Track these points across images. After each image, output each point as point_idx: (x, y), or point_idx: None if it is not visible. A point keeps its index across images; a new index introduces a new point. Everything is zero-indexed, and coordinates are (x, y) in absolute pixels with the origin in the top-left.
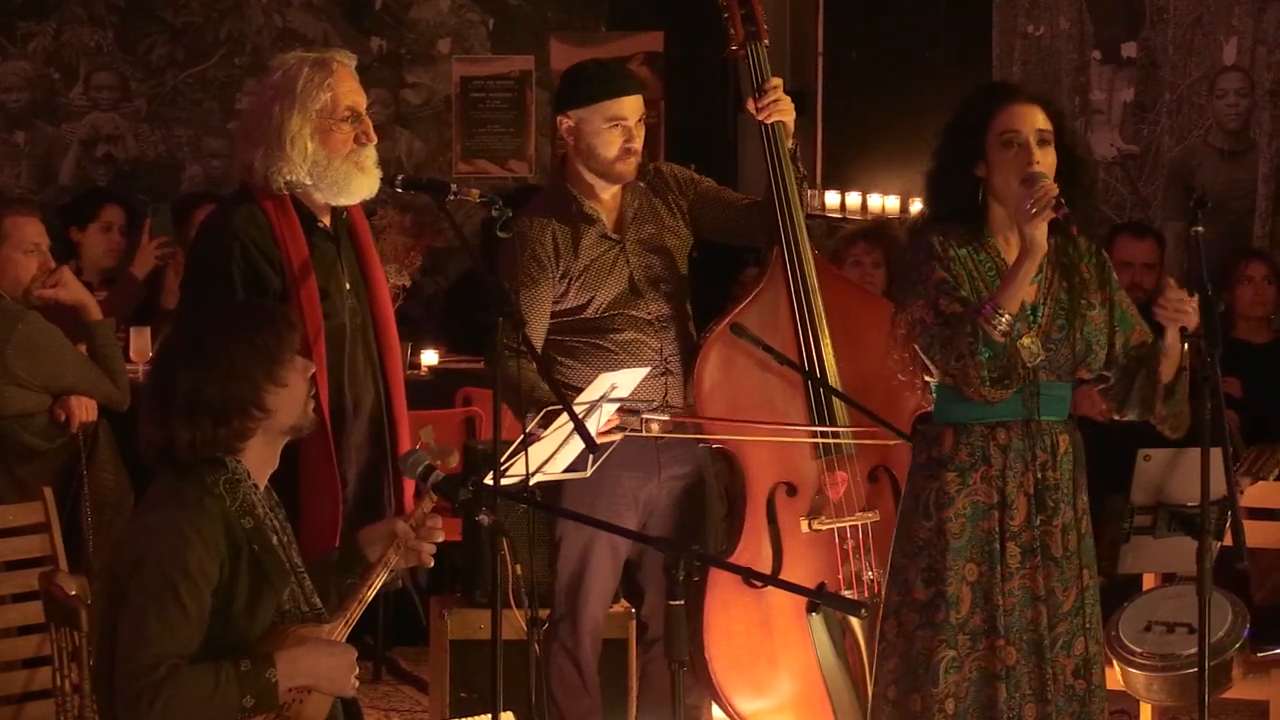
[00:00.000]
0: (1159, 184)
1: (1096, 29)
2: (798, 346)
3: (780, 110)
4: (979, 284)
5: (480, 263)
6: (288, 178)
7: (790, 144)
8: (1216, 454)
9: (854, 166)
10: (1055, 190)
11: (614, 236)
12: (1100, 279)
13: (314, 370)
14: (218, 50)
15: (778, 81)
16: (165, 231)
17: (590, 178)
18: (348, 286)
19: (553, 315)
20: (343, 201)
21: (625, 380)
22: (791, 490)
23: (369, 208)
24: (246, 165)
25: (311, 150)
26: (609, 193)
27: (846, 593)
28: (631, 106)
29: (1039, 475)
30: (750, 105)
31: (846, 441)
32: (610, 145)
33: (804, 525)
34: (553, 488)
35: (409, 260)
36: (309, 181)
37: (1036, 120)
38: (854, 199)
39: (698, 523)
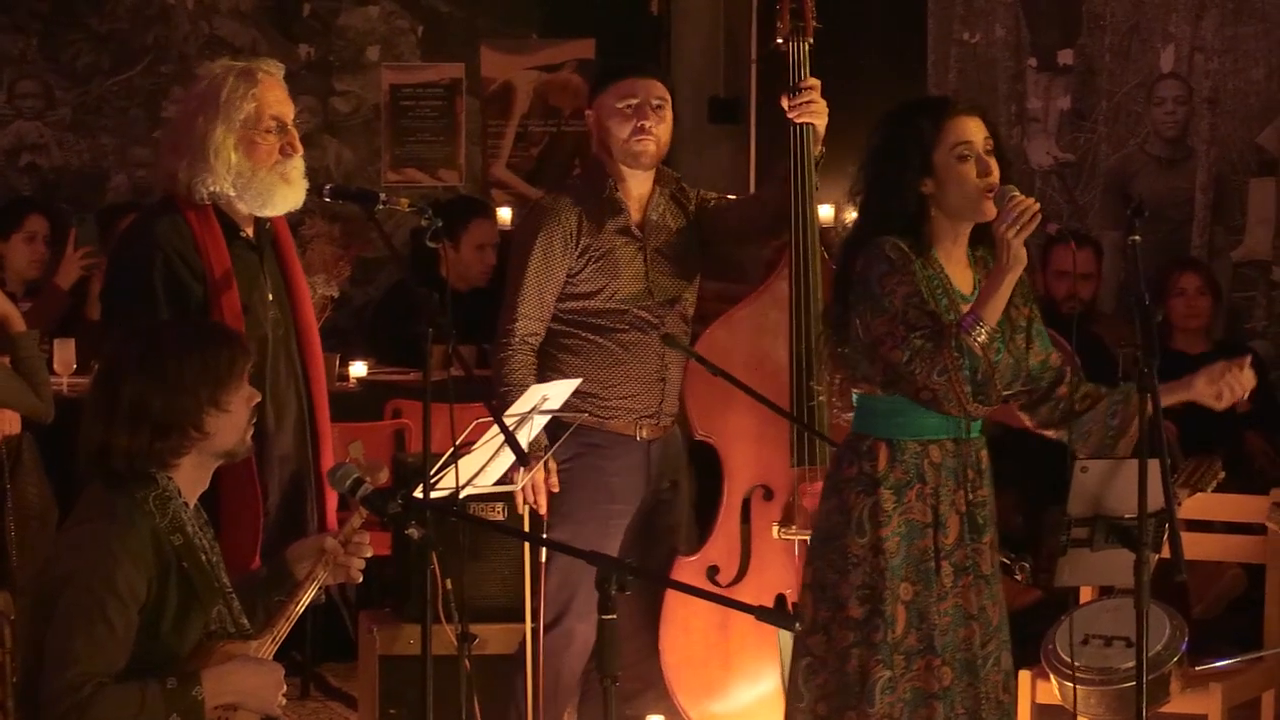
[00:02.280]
0: (1096, 192)
1: (1033, 36)
2: (792, 345)
3: (812, 112)
4: (931, 300)
5: (410, 273)
6: (211, 189)
7: (818, 150)
8: (1154, 465)
9: None
10: (1036, 205)
11: (637, 234)
12: (1024, 294)
13: (258, 400)
14: (144, 58)
15: (815, 82)
16: (90, 242)
17: (615, 168)
18: (270, 297)
19: (564, 299)
20: (267, 213)
21: (557, 392)
22: (768, 494)
23: (297, 217)
24: (170, 175)
25: (235, 161)
26: (638, 190)
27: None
28: (643, 86)
29: (970, 494)
30: (784, 102)
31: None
32: (623, 125)
33: (775, 531)
34: (567, 485)
35: (338, 271)
36: (233, 193)
37: (982, 130)
38: None
39: (671, 529)
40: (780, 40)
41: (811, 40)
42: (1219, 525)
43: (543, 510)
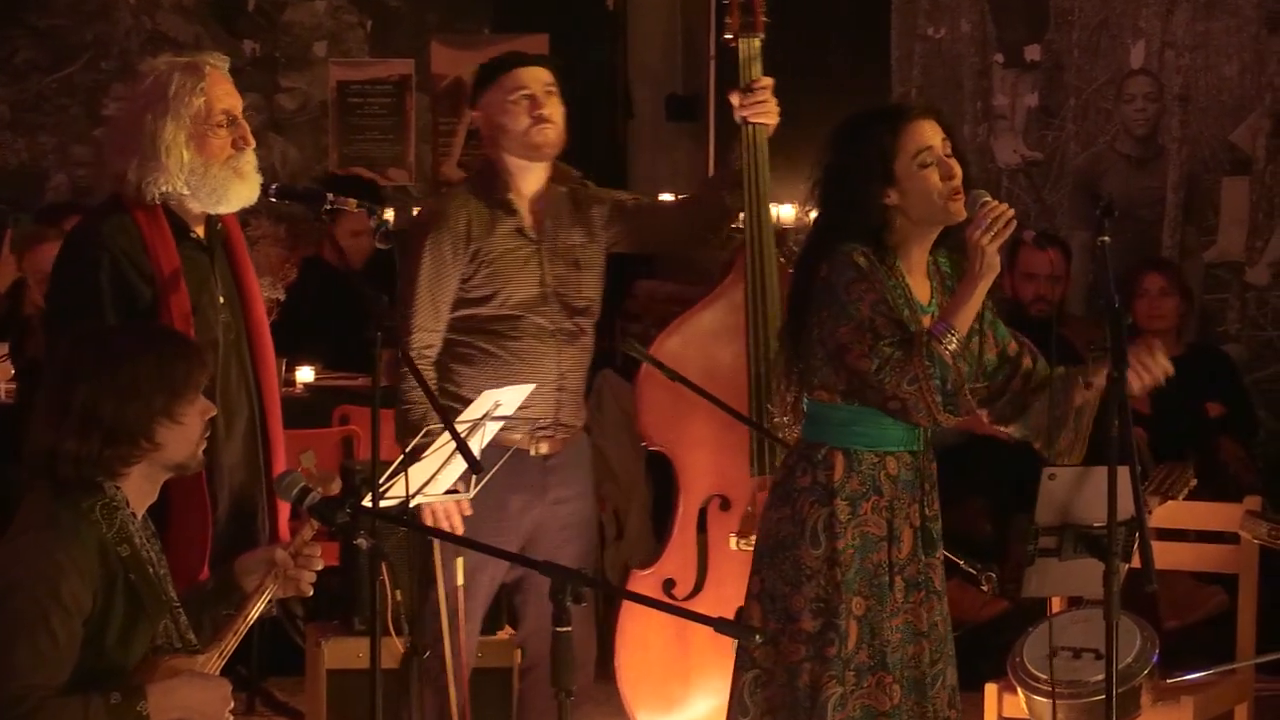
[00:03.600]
0: (1064, 192)
1: (999, 31)
2: (749, 351)
3: (763, 112)
4: (896, 309)
5: (357, 275)
6: (164, 188)
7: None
8: (1124, 472)
9: None
10: (1011, 211)
11: (531, 236)
12: (981, 328)
13: (213, 414)
14: (84, 54)
15: (768, 81)
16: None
17: (512, 164)
18: (221, 300)
19: (455, 305)
20: (222, 209)
21: (510, 398)
22: (725, 504)
23: (242, 218)
24: (118, 175)
25: (188, 158)
26: (532, 188)
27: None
28: (532, 76)
29: (924, 508)
30: (734, 99)
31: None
32: (518, 116)
33: (732, 543)
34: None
35: (284, 273)
36: (186, 191)
37: (940, 133)
38: None
39: (586, 549)
40: (730, 37)
41: (762, 36)
42: (1191, 534)
43: (460, 530)
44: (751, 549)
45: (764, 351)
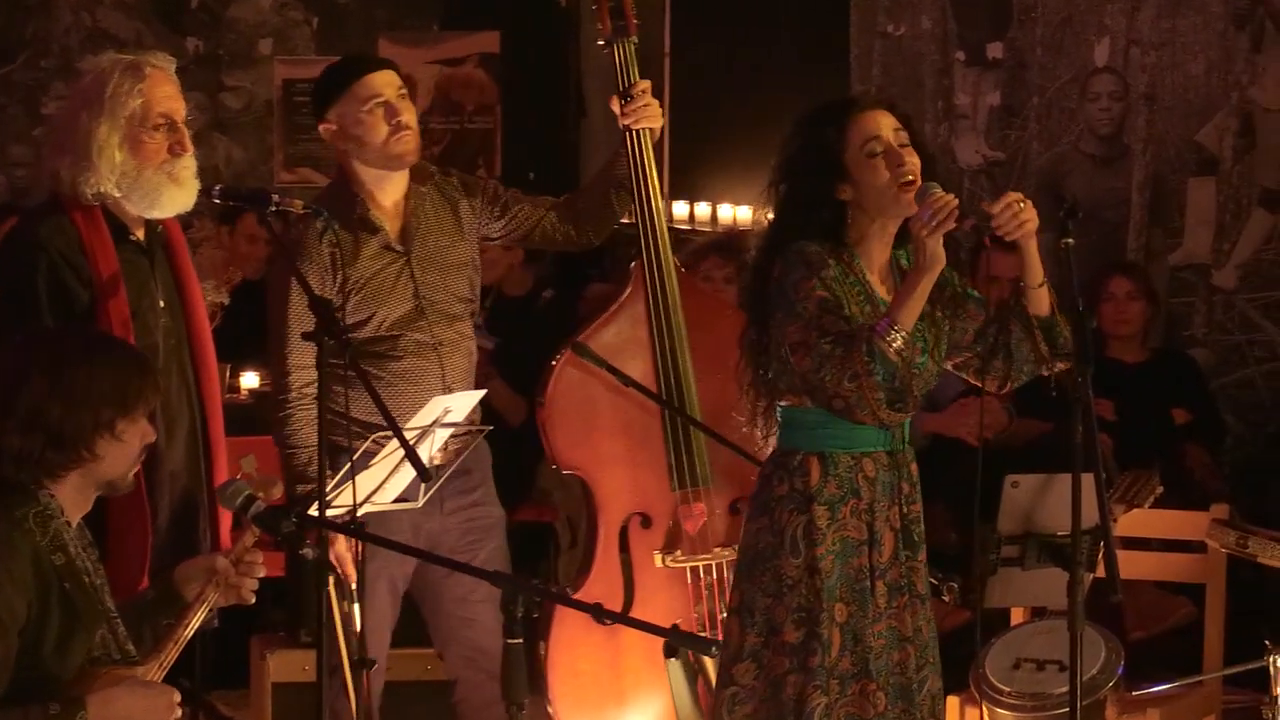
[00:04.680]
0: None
1: (960, 28)
2: (656, 365)
3: (647, 116)
4: (851, 305)
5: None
6: (95, 189)
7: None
8: (1089, 480)
9: (704, 175)
10: (955, 201)
11: (398, 248)
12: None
13: (153, 440)
14: (22, 52)
15: (646, 85)
16: None
17: (370, 176)
18: (162, 304)
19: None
20: (154, 215)
21: (459, 404)
22: (646, 521)
23: (185, 220)
24: (53, 174)
25: (120, 160)
26: (392, 197)
27: (701, 635)
28: (384, 81)
29: (904, 509)
30: (615, 106)
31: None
32: (376, 127)
33: (658, 560)
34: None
35: (227, 276)
36: (117, 193)
37: (890, 122)
38: (703, 209)
39: (498, 550)
40: (603, 43)
41: (635, 40)
42: (1157, 543)
43: (353, 579)
44: (683, 565)
45: (672, 360)
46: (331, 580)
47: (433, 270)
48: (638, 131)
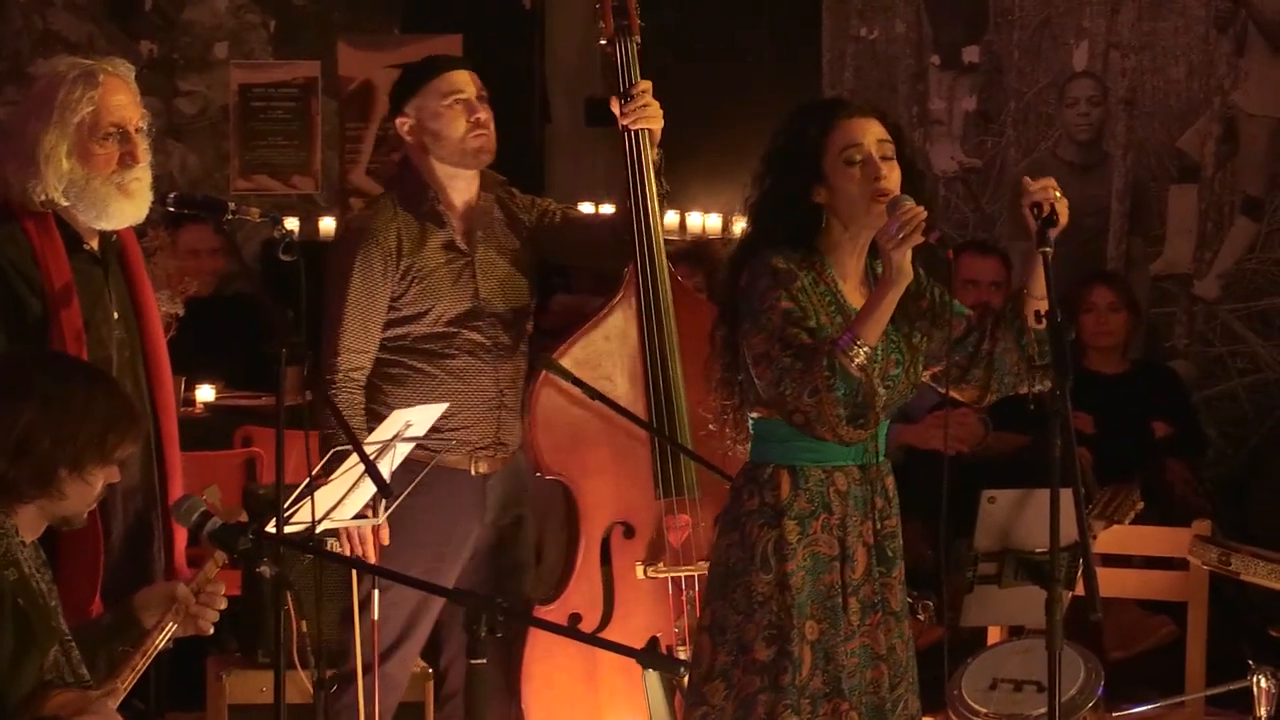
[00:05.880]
0: (1004, 200)
1: (935, 32)
2: (646, 372)
3: (647, 117)
4: (820, 317)
5: (261, 288)
6: (43, 196)
7: (655, 155)
8: (1067, 495)
9: (672, 182)
10: (924, 213)
11: (463, 248)
12: (917, 287)
13: (116, 481)
14: None
15: (646, 85)
16: None
17: (443, 172)
18: (116, 315)
19: (386, 324)
20: (103, 225)
21: (421, 418)
22: (629, 531)
23: (138, 229)
24: (3, 179)
25: (68, 169)
26: (463, 197)
27: (680, 650)
28: (465, 79)
29: (878, 524)
30: (614, 106)
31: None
32: (455, 121)
33: (640, 571)
34: (393, 525)
35: (183, 286)
36: (65, 202)
37: (876, 132)
38: (671, 217)
39: (517, 568)
40: (605, 42)
41: (638, 39)
42: (1138, 560)
43: (373, 559)
44: (663, 576)
45: (661, 368)
46: (290, 598)
47: (494, 275)
48: (636, 132)
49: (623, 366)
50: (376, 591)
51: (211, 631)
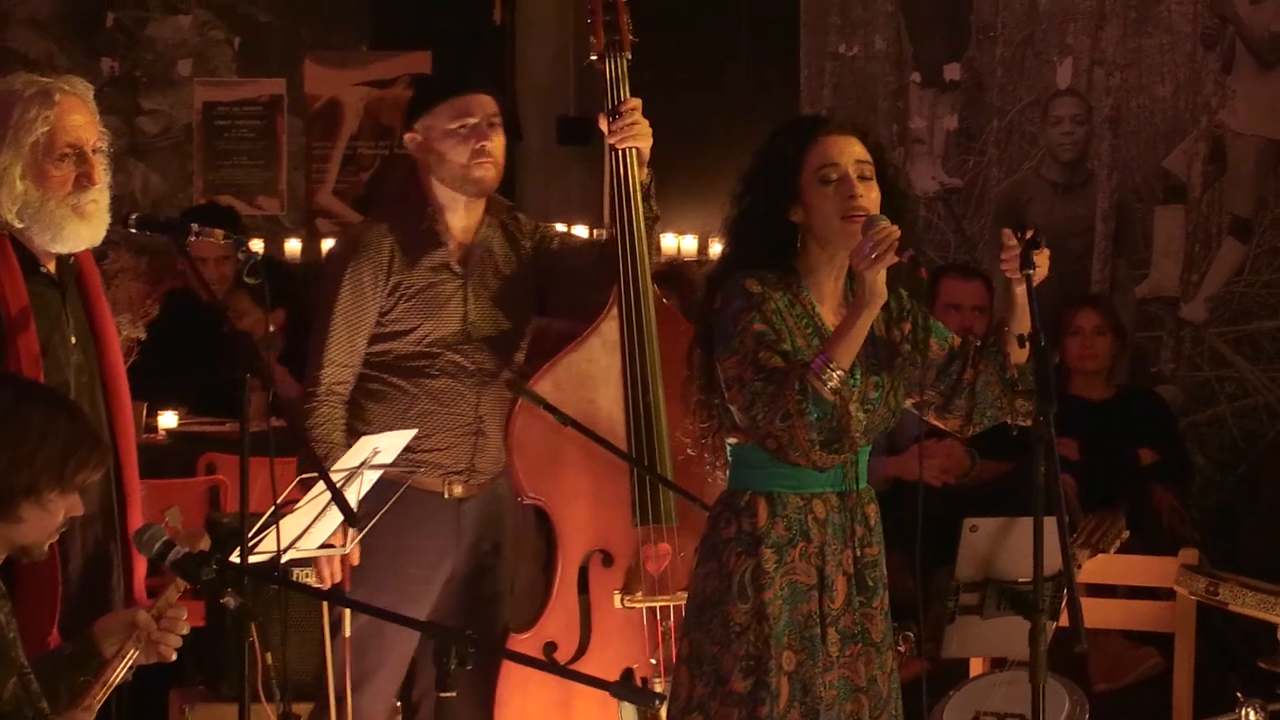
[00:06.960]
0: (986, 221)
1: (916, 49)
2: (627, 393)
3: (635, 135)
4: (796, 339)
5: (225, 313)
6: None
7: (644, 175)
8: (1051, 523)
9: None
10: (897, 232)
11: (457, 270)
12: (897, 311)
13: (78, 515)
14: None
15: (636, 102)
16: None
17: (444, 195)
18: (74, 340)
19: (373, 341)
20: (57, 249)
21: (389, 444)
22: (607, 559)
23: (99, 251)
24: None
25: (22, 190)
26: (462, 222)
27: (656, 681)
28: (478, 104)
29: (858, 552)
30: (603, 124)
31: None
32: (459, 148)
33: (617, 600)
34: (363, 545)
35: (144, 309)
36: (19, 224)
37: (855, 151)
38: None
39: (495, 597)
40: (595, 58)
41: (629, 55)
42: (1123, 590)
43: (343, 582)
44: (639, 606)
45: (643, 392)
46: (254, 629)
47: (487, 301)
48: (623, 151)
49: (605, 389)
50: (348, 616)
51: (174, 658)
